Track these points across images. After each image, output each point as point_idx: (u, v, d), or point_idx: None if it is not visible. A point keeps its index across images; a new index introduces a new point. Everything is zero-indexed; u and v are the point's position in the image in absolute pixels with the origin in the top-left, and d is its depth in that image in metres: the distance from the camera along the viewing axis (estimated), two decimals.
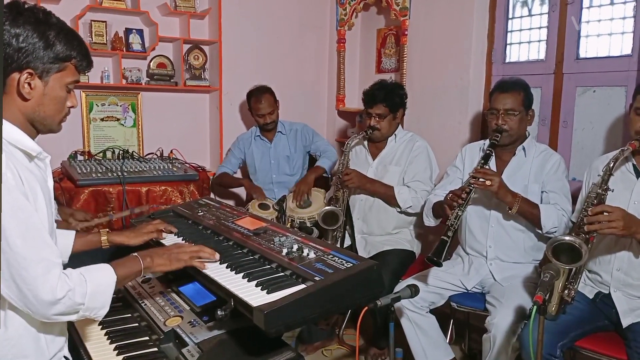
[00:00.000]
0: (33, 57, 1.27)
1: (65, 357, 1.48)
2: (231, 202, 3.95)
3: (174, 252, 1.60)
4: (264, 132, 3.66)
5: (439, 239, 2.19)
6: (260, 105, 3.51)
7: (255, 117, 3.58)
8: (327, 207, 2.88)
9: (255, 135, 3.68)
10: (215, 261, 1.66)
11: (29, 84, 1.29)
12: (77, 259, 1.66)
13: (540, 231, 2.33)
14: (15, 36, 1.24)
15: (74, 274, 1.32)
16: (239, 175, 3.90)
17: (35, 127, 1.36)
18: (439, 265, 2.20)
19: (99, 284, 1.35)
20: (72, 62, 1.34)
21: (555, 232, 2.28)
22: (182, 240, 1.92)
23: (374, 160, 3.02)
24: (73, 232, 1.76)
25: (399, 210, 2.91)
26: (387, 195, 2.88)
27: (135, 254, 1.54)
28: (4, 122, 1.28)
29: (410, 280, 2.50)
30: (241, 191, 4.02)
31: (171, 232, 1.97)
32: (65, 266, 1.34)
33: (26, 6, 1.29)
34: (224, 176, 3.64)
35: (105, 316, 1.73)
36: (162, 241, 1.92)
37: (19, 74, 1.27)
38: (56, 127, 1.40)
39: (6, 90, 1.28)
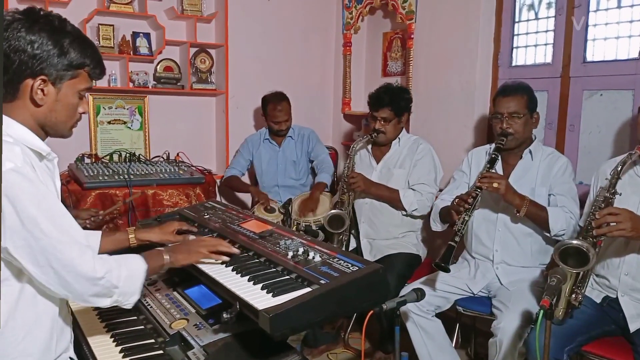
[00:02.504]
0: (47, 63, 1.29)
1: (70, 357, 1.49)
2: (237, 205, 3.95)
3: (194, 246, 1.67)
4: (274, 135, 3.66)
5: (446, 245, 2.18)
6: (277, 113, 3.52)
7: (269, 123, 3.58)
8: (333, 211, 2.88)
9: (264, 138, 3.69)
10: (234, 254, 1.71)
11: (42, 90, 1.31)
12: None
13: (548, 234, 2.32)
14: (30, 43, 1.26)
15: (110, 258, 1.38)
16: (247, 176, 3.90)
17: (45, 132, 1.39)
18: (447, 271, 2.18)
19: (133, 269, 1.42)
20: (86, 70, 1.37)
21: (563, 234, 2.27)
22: None
23: (377, 163, 3.02)
24: (99, 232, 1.80)
25: (404, 213, 2.90)
26: (392, 198, 2.88)
27: (161, 248, 1.62)
28: (15, 123, 1.31)
29: (416, 284, 2.48)
30: (247, 194, 4.01)
31: (193, 233, 1.98)
32: None
33: (42, 13, 1.31)
34: (232, 179, 3.64)
35: (111, 319, 1.75)
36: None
37: (33, 80, 1.30)
38: (67, 132, 1.43)
39: (19, 96, 1.31)
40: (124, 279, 1.37)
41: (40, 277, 1.26)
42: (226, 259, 1.68)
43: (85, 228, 2.45)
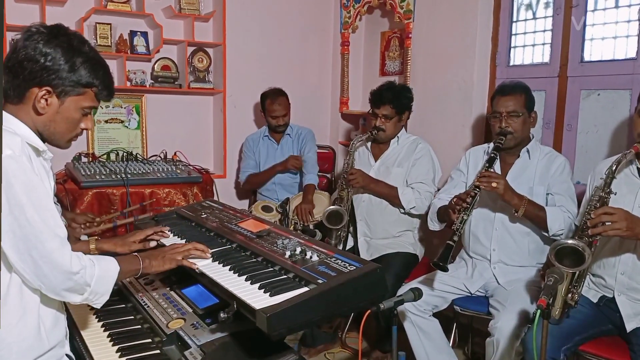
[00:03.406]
0: (55, 76, 1.35)
1: (67, 355, 1.51)
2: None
3: (168, 253, 1.68)
4: (272, 133, 3.67)
5: (444, 244, 2.18)
6: (275, 107, 3.53)
7: (268, 119, 3.59)
8: (331, 207, 2.88)
9: (264, 135, 3.70)
10: (208, 258, 1.73)
11: (46, 100, 1.37)
12: None
13: (546, 234, 2.32)
14: (44, 55, 1.34)
15: (85, 257, 1.41)
16: None
17: (43, 139, 1.43)
18: (445, 270, 2.18)
19: (106, 269, 1.45)
20: (93, 90, 1.43)
21: (561, 234, 2.27)
22: (185, 241, 1.91)
23: (375, 161, 3.02)
24: None
25: (402, 211, 2.90)
26: (390, 195, 2.88)
27: (136, 254, 1.64)
28: (18, 121, 1.36)
29: (413, 284, 2.49)
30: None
31: (164, 233, 1.98)
32: None
33: (66, 32, 1.39)
34: (252, 176, 3.63)
35: (108, 318, 1.75)
36: (163, 241, 1.93)
37: (38, 90, 1.35)
38: (64, 144, 1.48)
39: (24, 101, 1.37)
40: (97, 278, 1.40)
41: (18, 263, 1.29)
42: (199, 265, 1.69)
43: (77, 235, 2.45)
